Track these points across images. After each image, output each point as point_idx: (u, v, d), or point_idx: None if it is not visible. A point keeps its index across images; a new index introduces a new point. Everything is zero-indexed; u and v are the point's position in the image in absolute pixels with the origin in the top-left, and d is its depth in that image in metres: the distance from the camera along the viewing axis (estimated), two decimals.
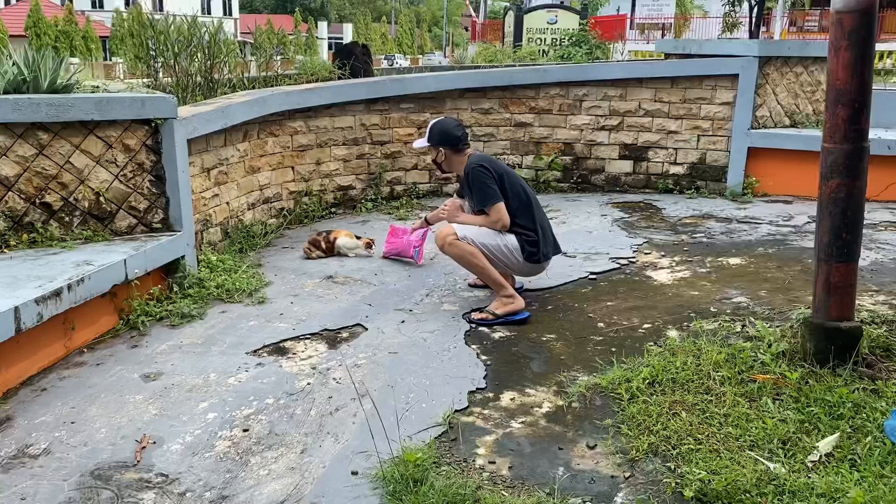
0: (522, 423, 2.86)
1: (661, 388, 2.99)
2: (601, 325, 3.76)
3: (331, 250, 5.03)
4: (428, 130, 4.03)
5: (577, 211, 6.19)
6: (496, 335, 3.68)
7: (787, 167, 6.44)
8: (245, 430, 2.84)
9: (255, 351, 3.58)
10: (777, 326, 3.48)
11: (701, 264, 4.68)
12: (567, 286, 4.35)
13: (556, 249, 4.00)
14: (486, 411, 2.94)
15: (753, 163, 6.50)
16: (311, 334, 3.77)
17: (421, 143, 4.11)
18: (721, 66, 6.47)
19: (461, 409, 2.95)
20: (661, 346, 3.43)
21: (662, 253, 4.94)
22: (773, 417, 2.74)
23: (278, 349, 3.61)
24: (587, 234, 5.44)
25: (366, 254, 5.02)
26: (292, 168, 5.96)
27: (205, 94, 6.67)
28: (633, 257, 4.85)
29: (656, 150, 6.80)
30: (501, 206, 3.79)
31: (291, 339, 3.72)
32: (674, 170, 6.80)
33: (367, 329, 3.81)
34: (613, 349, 3.46)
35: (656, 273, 4.54)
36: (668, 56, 7.16)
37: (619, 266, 4.67)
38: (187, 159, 4.39)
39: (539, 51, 19.26)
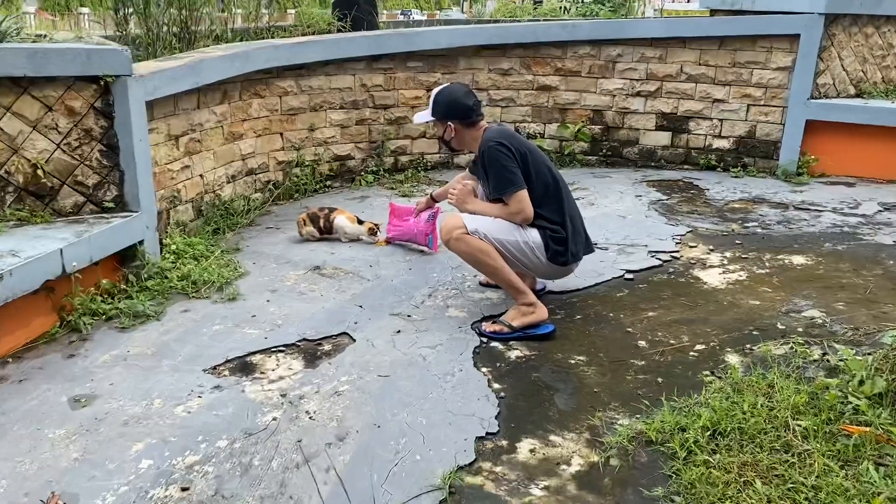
0: (545, 488, 2.22)
1: (726, 441, 2.34)
2: (642, 343, 3.10)
3: (328, 230, 4.38)
4: (431, 101, 3.33)
5: (606, 190, 5.49)
6: (512, 354, 3.03)
7: (851, 144, 5.69)
8: (184, 490, 2.23)
9: (215, 367, 2.96)
10: (867, 354, 2.81)
11: (758, 263, 3.99)
12: (599, 288, 3.68)
13: (588, 248, 3.33)
14: (497, 468, 2.31)
15: (811, 138, 5.75)
16: (286, 346, 3.14)
17: (423, 116, 3.41)
18: (779, 24, 5.68)
19: (466, 466, 2.32)
20: (720, 378, 2.77)
21: (711, 246, 4.25)
22: (879, 493, 2.08)
23: (244, 365, 2.98)
24: (620, 220, 4.75)
25: (369, 241, 4.36)
26: (281, 135, 5.28)
27: (181, 48, 5.97)
28: (677, 251, 4.16)
29: (698, 120, 6.05)
30: (523, 194, 3.11)
31: (262, 351, 3.10)
32: (718, 144, 6.06)
33: (354, 340, 3.17)
34: (660, 379, 2.81)
35: (705, 273, 3.85)
36: (714, 13, 6.36)
37: (660, 263, 4.00)
38: (146, 125, 3.72)
39: (560, 7, 18.27)
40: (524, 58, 6.14)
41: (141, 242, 3.70)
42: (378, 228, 4.35)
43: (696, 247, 4.25)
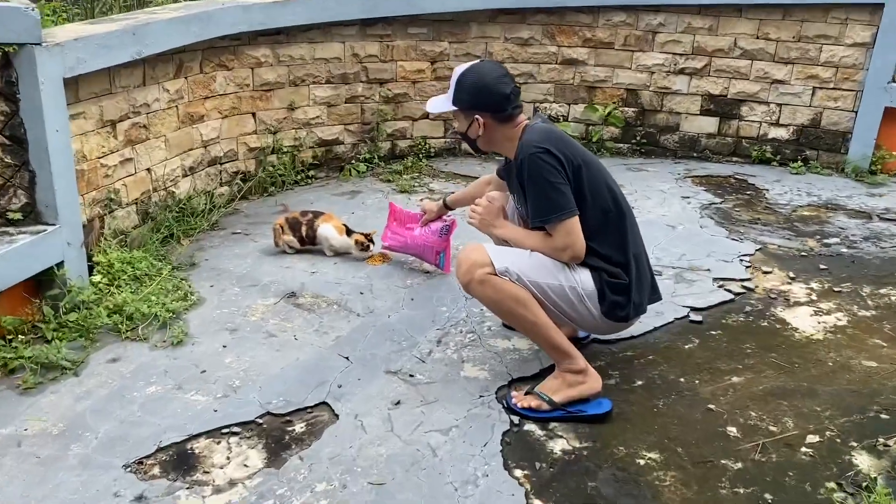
0: None
1: None
2: (732, 430, 2.32)
3: (311, 240, 3.56)
4: (453, 83, 2.49)
5: (646, 188, 4.67)
6: (556, 446, 2.24)
7: None
8: None
9: (140, 462, 2.17)
10: None
11: (857, 300, 3.20)
12: (659, 335, 2.89)
13: (655, 295, 2.54)
14: None
15: (889, 129, 4.93)
16: (243, 424, 2.34)
17: (440, 103, 2.57)
18: None
19: None
20: (853, 496, 1.99)
21: (790, 273, 3.45)
22: None
23: (182, 458, 2.19)
24: (669, 231, 3.94)
25: (358, 255, 3.55)
26: (253, 115, 4.42)
27: (132, 6, 5.06)
28: (749, 279, 3.37)
29: (752, 104, 5.21)
30: (574, 223, 2.30)
31: (209, 433, 2.30)
32: (775, 133, 5.23)
33: (336, 417, 2.38)
34: (768, 496, 2.02)
35: (793, 315, 3.06)
36: None
37: (731, 297, 3.20)
38: (66, 109, 2.88)
39: None
40: (547, 25, 5.27)
41: (60, 265, 2.88)
42: (371, 241, 3.52)
43: (771, 272, 3.45)
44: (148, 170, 3.62)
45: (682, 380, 2.58)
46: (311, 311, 3.07)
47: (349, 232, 3.53)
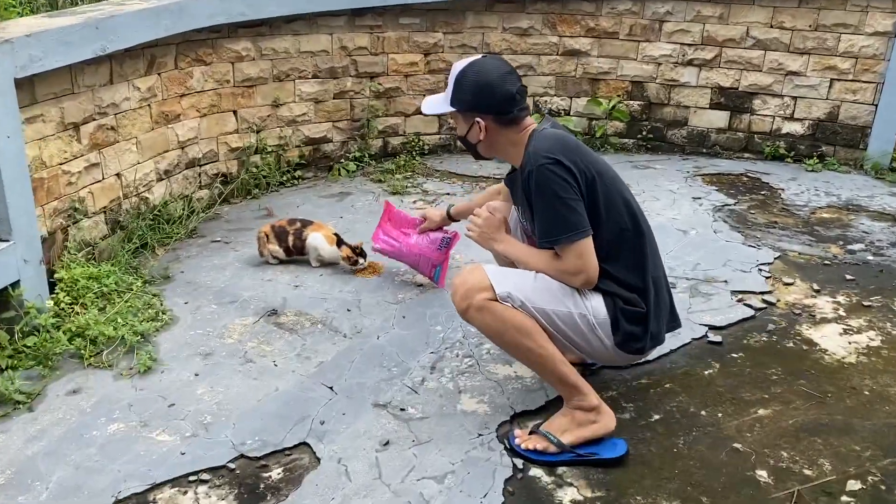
0: None
1: None
2: (762, 474, 2.08)
3: (299, 251, 3.31)
4: (451, 81, 2.22)
5: (654, 188, 4.42)
6: (566, 496, 2.00)
7: None
8: None
9: None
10: None
11: (889, 315, 2.97)
12: (676, 358, 2.64)
13: (674, 322, 2.30)
14: None
15: None
16: (213, 470, 2.10)
17: (436, 104, 2.31)
18: None
19: None
20: None
21: (813, 284, 3.21)
22: None
23: None
24: (681, 237, 3.69)
25: (345, 267, 3.30)
26: (234, 113, 4.16)
27: None
28: (769, 291, 3.12)
29: (766, 98, 4.95)
30: (587, 245, 2.06)
31: (174, 480, 2.05)
32: (789, 128, 4.98)
33: (318, 461, 2.14)
34: None
35: (820, 333, 2.82)
36: None
37: (752, 313, 2.96)
38: (18, 112, 2.62)
39: None
40: (548, 14, 5.00)
41: (15, 284, 2.64)
42: (361, 253, 3.27)
43: (792, 283, 3.21)
44: (117, 175, 3.36)
45: (703, 413, 2.34)
46: (294, 332, 2.82)
47: (340, 242, 3.27)
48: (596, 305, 2.10)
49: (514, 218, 2.43)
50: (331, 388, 2.47)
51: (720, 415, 2.33)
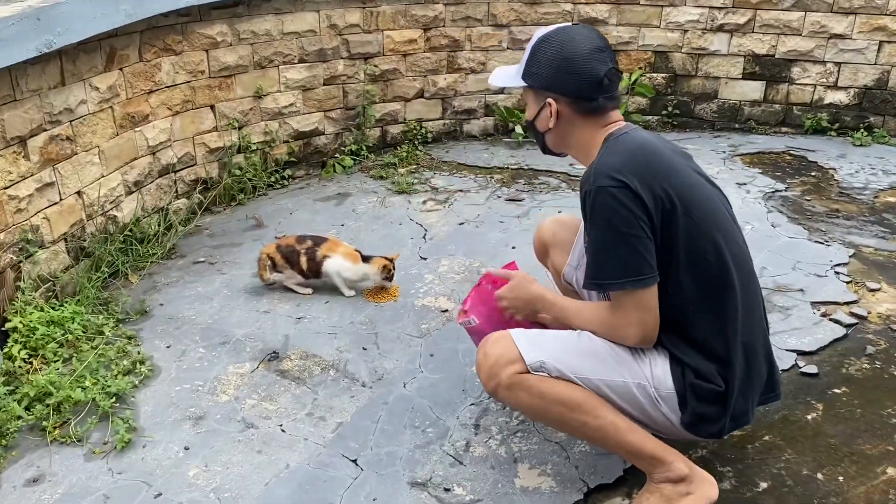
0: None
1: None
2: None
3: (314, 273, 2.83)
4: (528, 51, 1.78)
5: None
6: None
7: None
8: None
9: None
10: None
11: None
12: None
13: (771, 394, 1.83)
14: None
15: None
16: None
17: (505, 76, 1.86)
18: None
19: None
20: None
21: None
22: None
23: None
24: None
25: (375, 283, 2.83)
26: (212, 108, 3.65)
27: None
28: (856, 301, 2.69)
29: (805, 65, 4.50)
30: (648, 296, 1.63)
31: None
32: (832, 97, 4.53)
33: None
34: None
35: None
36: None
37: (843, 331, 2.53)
38: None
39: None
40: None
41: None
42: (393, 267, 2.81)
43: (879, 289, 2.78)
44: (78, 193, 2.87)
45: (819, 476, 1.91)
46: (301, 382, 2.37)
47: (365, 258, 2.80)
48: (660, 374, 1.67)
49: (580, 251, 1.98)
50: (354, 461, 2.02)
51: (841, 478, 1.91)
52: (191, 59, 3.47)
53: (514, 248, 3.20)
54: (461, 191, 3.86)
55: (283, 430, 2.15)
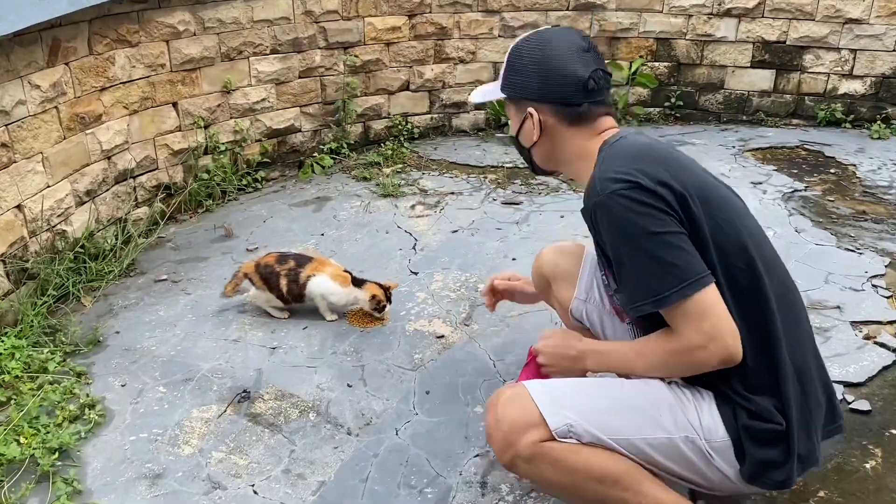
0: None
1: None
2: None
3: (296, 297, 2.50)
4: (505, 61, 1.57)
5: None
6: None
7: None
8: None
9: None
10: None
11: None
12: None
13: (833, 425, 1.54)
14: None
15: None
16: None
17: (486, 91, 1.66)
18: None
19: None
20: None
21: None
22: None
23: None
24: None
25: (345, 311, 2.53)
26: (174, 106, 3.31)
27: None
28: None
29: (819, 52, 4.23)
30: (711, 295, 1.34)
31: None
32: (847, 87, 4.27)
33: None
34: None
35: None
36: None
37: (891, 357, 2.27)
38: None
39: None
40: None
41: None
42: (389, 295, 2.48)
43: None
44: (18, 207, 2.53)
45: None
46: (276, 429, 2.06)
47: (359, 282, 2.47)
48: (709, 422, 1.40)
49: (589, 279, 1.71)
50: None
51: None
52: (149, 52, 3.13)
53: (514, 259, 2.90)
54: (453, 193, 3.55)
55: (255, 492, 1.84)
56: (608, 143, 1.48)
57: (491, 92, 1.63)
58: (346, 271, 2.48)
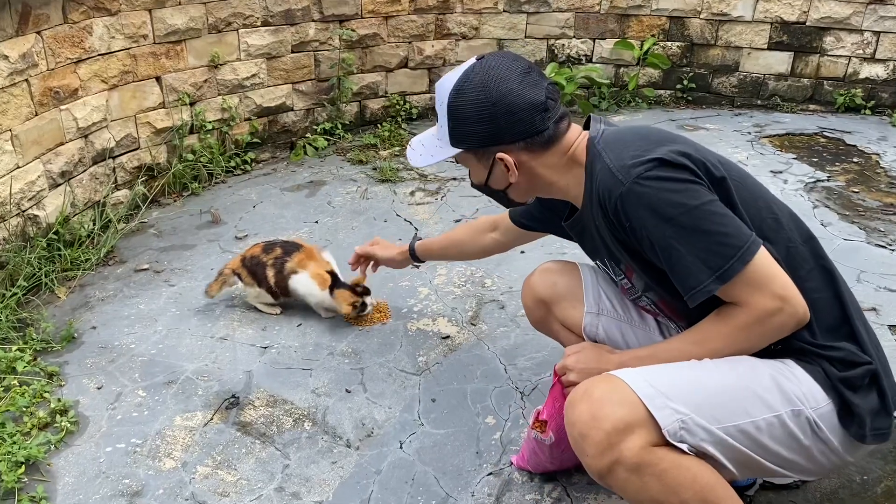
0: None
1: None
2: None
3: (282, 290, 2.32)
4: (443, 112, 1.40)
5: None
6: None
7: None
8: None
9: None
10: None
11: None
12: (863, 465, 1.77)
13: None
14: None
15: None
16: None
17: (429, 148, 1.48)
18: None
19: None
20: None
21: None
22: None
23: None
24: None
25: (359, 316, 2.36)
26: (157, 80, 3.10)
27: None
28: None
29: (840, 34, 4.06)
30: (765, 257, 1.25)
31: None
32: (868, 71, 4.11)
33: None
34: None
35: None
36: None
37: None
38: None
39: None
40: None
41: None
42: (364, 292, 2.30)
43: None
44: None
45: None
46: (268, 440, 1.88)
47: (336, 283, 2.28)
48: (808, 389, 1.28)
49: (594, 287, 1.58)
50: None
51: None
52: (130, 21, 2.91)
53: (522, 252, 2.72)
54: (454, 179, 3.37)
55: None
56: (596, 138, 1.37)
57: (439, 150, 1.43)
58: (329, 272, 2.28)
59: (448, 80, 1.38)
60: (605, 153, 1.32)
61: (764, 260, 1.24)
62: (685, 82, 4.31)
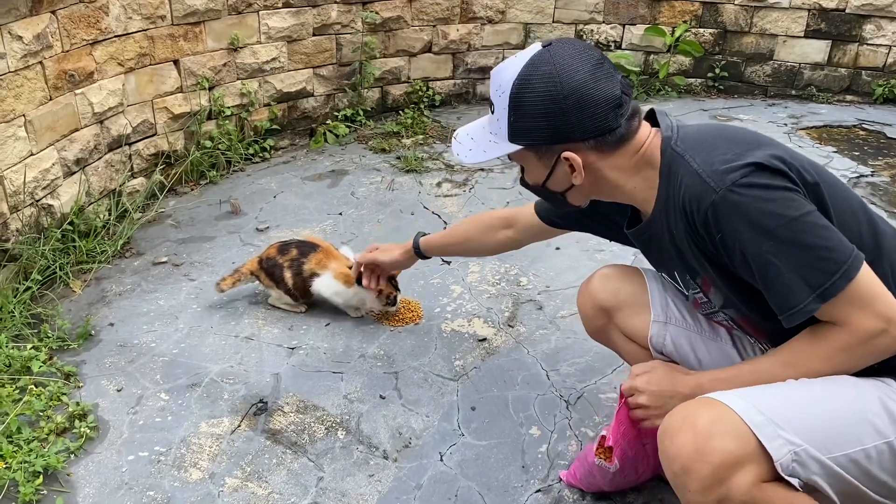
0: None
1: None
2: None
3: (301, 291, 2.21)
4: (503, 103, 1.25)
5: None
6: None
7: None
8: None
9: None
10: None
11: None
12: None
13: None
14: None
15: None
16: None
17: (482, 143, 1.33)
18: None
19: None
20: None
21: None
22: None
23: None
24: None
25: (386, 310, 2.24)
26: (175, 64, 2.98)
27: None
28: None
29: (881, 22, 3.92)
30: (868, 273, 1.13)
31: None
32: None
33: None
34: None
35: None
36: None
37: None
38: None
39: None
40: None
41: None
42: (396, 284, 2.19)
43: None
44: None
45: None
46: (300, 450, 1.78)
47: (360, 279, 2.17)
48: None
49: (661, 294, 1.46)
50: None
51: None
52: (147, 1, 2.79)
53: (557, 248, 2.61)
54: (482, 170, 3.25)
55: None
56: (672, 137, 1.25)
57: (494, 146, 1.30)
58: (350, 267, 2.17)
59: (509, 68, 1.25)
60: (689, 156, 1.20)
61: (867, 277, 1.13)
62: (717, 70, 4.18)
